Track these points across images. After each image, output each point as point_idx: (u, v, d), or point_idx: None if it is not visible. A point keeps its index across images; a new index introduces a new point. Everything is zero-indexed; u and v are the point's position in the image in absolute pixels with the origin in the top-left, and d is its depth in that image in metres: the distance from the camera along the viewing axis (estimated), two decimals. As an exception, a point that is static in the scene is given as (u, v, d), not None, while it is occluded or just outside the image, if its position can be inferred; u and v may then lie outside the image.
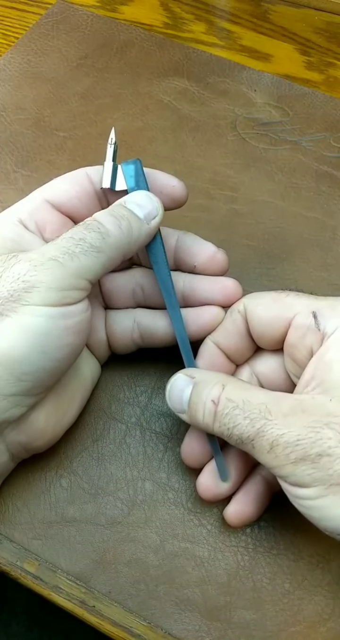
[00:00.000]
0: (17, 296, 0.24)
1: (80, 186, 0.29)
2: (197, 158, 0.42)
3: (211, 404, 0.25)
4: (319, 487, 0.22)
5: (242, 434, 0.24)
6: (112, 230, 0.26)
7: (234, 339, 0.28)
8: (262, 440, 0.23)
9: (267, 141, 0.43)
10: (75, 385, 0.29)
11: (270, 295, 0.28)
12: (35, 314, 0.24)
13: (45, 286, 0.24)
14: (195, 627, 0.27)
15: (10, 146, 0.42)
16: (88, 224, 0.26)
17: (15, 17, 0.51)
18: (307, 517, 0.24)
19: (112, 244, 0.26)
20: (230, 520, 0.28)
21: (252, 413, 0.24)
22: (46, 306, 0.24)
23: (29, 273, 0.24)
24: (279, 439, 0.23)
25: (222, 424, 0.25)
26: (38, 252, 0.25)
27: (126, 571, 0.28)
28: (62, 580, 0.28)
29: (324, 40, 0.49)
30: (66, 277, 0.24)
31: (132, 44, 0.48)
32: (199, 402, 0.26)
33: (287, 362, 0.27)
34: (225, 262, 0.29)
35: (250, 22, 0.51)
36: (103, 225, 0.26)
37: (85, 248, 0.25)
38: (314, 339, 0.25)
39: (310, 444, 0.22)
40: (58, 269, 0.24)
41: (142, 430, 0.31)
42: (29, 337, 0.24)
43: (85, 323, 0.26)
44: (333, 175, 0.41)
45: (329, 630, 0.27)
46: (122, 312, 0.31)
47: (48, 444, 0.28)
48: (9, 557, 0.28)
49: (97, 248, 0.25)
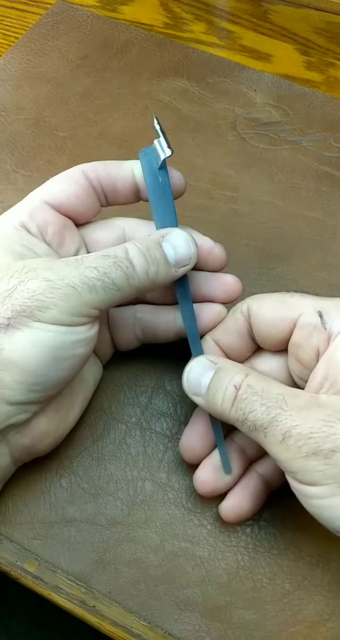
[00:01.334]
0: (30, 312, 0.24)
1: (77, 184, 0.28)
2: (197, 158, 0.42)
3: (233, 388, 0.25)
4: (331, 485, 0.22)
5: (257, 421, 0.24)
6: (139, 274, 0.26)
7: (234, 338, 0.28)
8: (275, 430, 0.23)
9: (267, 141, 0.43)
10: (77, 389, 0.29)
11: (274, 297, 0.28)
12: (46, 330, 0.24)
13: (58, 310, 0.24)
14: (195, 627, 0.27)
15: (10, 146, 0.42)
16: (118, 260, 0.25)
17: (15, 17, 0.51)
18: (317, 518, 0.23)
19: (134, 286, 0.26)
20: (225, 516, 0.28)
21: (269, 401, 0.24)
22: (57, 325, 0.24)
23: (45, 294, 0.24)
24: (292, 430, 0.23)
25: (239, 408, 0.24)
26: (57, 273, 0.25)
27: (126, 571, 0.28)
28: (62, 580, 0.28)
29: (324, 40, 0.49)
30: (80, 306, 0.24)
31: (132, 44, 0.48)
32: (220, 386, 0.26)
33: (292, 363, 0.27)
34: (224, 257, 0.29)
35: (250, 22, 0.51)
36: (131, 265, 0.25)
37: (106, 284, 0.25)
38: (320, 338, 0.25)
39: (323, 438, 0.22)
40: (74, 297, 0.24)
41: (142, 430, 0.31)
42: (39, 349, 0.24)
43: (92, 338, 0.26)
44: (333, 175, 0.41)
45: (329, 630, 0.27)
46: (124, 308, 0.31)
47: (50, 446, 0.28)
48: (9, 557, 0.28)
49: (118, 287, 0.25)
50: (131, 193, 0.29)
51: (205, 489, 0.28)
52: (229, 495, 0.28)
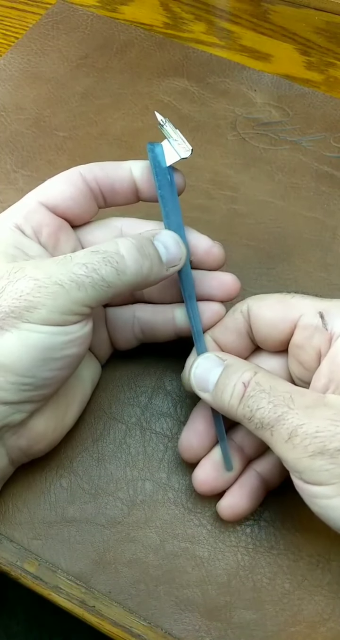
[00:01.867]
0: (19, 313, 0.24)
1: (74, 186, 0.28)
2: (197, 158, 0.42)
3: (241, 385, 0.25)
4: (337, 484, 0.22)
5: (264, 418, 0.24)
6: (131, 268, 0.25)
7: (232, 337, 0.28)
8: (281, 428, 0.23)
9: (267, 141, 0.43)
10: (74, 389, 0.29)
11: (275, 297, 0.28)
12: (35, 331, 0.24)
13: (47, 309, 0.24)
14: (195, 627, 0.27)
15: (10, 146, 0.42)
16: (107, 255, 0.25)
17: (15, 17, 0.51)
18: (323, 518, 0.23)
19: (126, 282, 0.25)
20: (223, 514, 0.28)
21: (277, 399, 0.24)
22: (46, 325, 0.24)
23: (32, 293, 0.24)
24: (298, 429, 0.23)
25: (247, 405, 0.24)
26: (44, 271, 0.24)
27: (126, 571, 0.28)
28: (62, 580, 0.28)
29: (324, 40, 0.49)
30: (69, 304, 0.24)
31: (132, 44, 0.48)
32: (229, 383, 0.26)
33: (292, 364, 0.27)
34: (222, 256, 0.29)
35: (250, 22, 0.51)
36: (123, 260, 0.25)
37: (95, 281, 0.24)
38: (322, 339, 0.25)
39: (329, 437, 0.22)
40: (62, 296, 0.24)
41: (142, 430, 0.31)
42: (29, 350, 0.24)
43: (85, 337, 0.26)
44: (333, 175, 0.41)
45: (329, 630, 0.27)
46: (122, 308, 0.31)
47: (47, 447, 0.28)
48: (9, 557, 0.28)
49: (108, 283, 0.25)
50: (130, 193, 0.29)
51: (204, 488, 0.28)
52: (226, 493, 0.28)
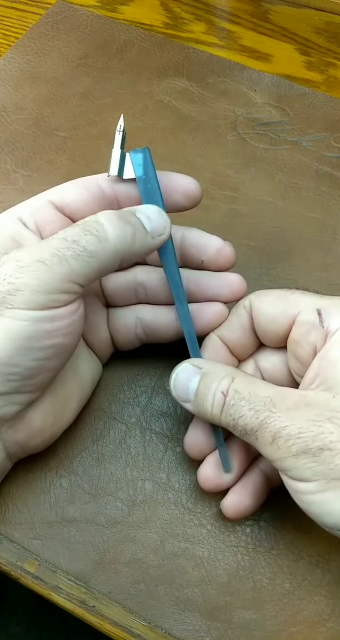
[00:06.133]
0: (2, 298, 0.23)
1: (88, 190, 0.28)
2: (197, 158, 0.42)
3: (221, 395, 0.25)
4: (319, 481, 0.22)
5: (247, 425, 0.24)
6: (112, 235, 0.25)
7: (238, 334, 0.29)
8: (265, 432, 0.24)
9: (267, 141, 0.43)
10: (73, 385, 0.29)
11: (276, 293, 0.28)
12: (19, 318, 0.23)
13: (30, 290, 0.23)
14: (195, 627, 0.27)
15: (10, 146, 0.42)
16: (86, 224, 0.25)
17: (15, 17, 0.51)
18: (308, 513, 0.24)
19: (109, 250, 0.25)
20: (227, 512, 0.28)
21: (257, 405, 0.24)
22: (30, 310, 0.23)
23: (15, 275, 0.23)
24: (282, 431, 0.23)
25: (228, 414, 0.25)
26: (27, 251, 0.24)
27: (126, 571, 0.28)
28: (62, 580, 0.28)
29: (324, 40, 0.49)
30: (53, 281, 0.24)
31: (132, 44, 0.48)
32: (208, 392, 0.26)
33: (290, 360, 0.27)
34: (233, 255, 0.29)
35: (250, 22, 0.51)
36: (102, 228, 0.25)
37: (77, 252, 0.24)
38: (317, 336, 0.26)
39: (311, 437, 0.23)
40: (45, 272, 0.23)
41: (142, 430, 0.31)
42: (12, 340, 0.23)
43: (75, 324, 0.25)
44: (333, 175, 0.41)
45: (329, 630, 0.27)
46: (125, 309, 0.31)
47: (45, 443, 0.28)
48: (9, 557, 0.28)
49: (90, 253, 0.24)
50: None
51: (209, 485, 0.28)
52: (230, 491, 0.28)
